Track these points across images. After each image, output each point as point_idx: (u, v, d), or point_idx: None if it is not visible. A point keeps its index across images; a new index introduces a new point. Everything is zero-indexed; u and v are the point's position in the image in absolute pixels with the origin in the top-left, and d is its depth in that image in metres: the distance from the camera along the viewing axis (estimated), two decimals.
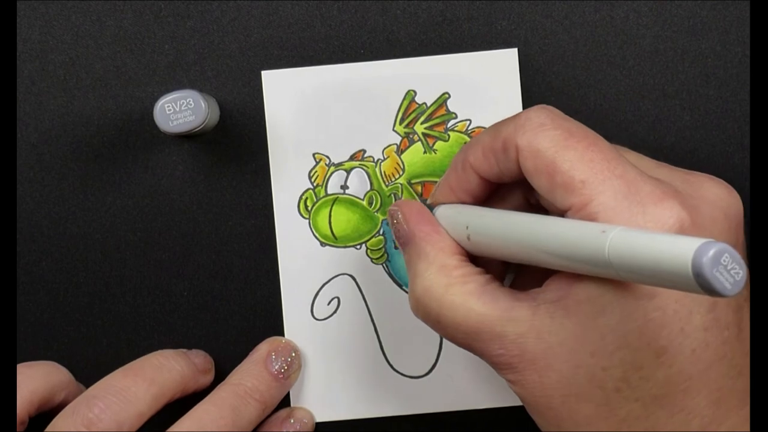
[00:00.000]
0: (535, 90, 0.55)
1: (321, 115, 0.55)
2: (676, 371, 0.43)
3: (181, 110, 0.51)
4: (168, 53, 0.55)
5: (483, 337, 0.45)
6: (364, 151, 0.55)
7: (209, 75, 0.55)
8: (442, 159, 0.55)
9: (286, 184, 0.55)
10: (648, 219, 0.43)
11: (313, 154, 0.55)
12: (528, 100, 0.54)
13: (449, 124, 0.55)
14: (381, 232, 0.55)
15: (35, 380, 0.52)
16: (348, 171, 0.55)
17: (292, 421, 0.54)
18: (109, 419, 0.49)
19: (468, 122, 0.55)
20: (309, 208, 0.55)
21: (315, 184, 0.55)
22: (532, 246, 0.44)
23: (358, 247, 0.55)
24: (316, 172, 0.55)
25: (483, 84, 0.55)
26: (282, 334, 0.55)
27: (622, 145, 0.50)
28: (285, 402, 0.55)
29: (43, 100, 0.55)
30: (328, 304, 0.55)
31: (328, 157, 0.55)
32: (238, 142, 0.55)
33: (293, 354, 0.54)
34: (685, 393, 0.44)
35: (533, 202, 0.49)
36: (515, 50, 0.54)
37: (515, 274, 0.51)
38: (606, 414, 0.44)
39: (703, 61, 0.55)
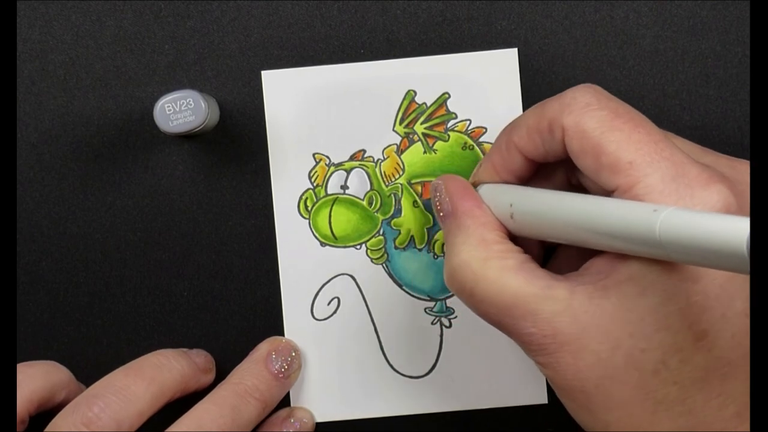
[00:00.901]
0: (535, 90, 0.55)
1: (321, 115, 0.55)
2: (715, 356, 0.43)
3: (181, 110, 0.51)
4: (168, 53, 0.55)
5: (515, 313, 0.45)
6: (364, 151, 0.55)
7: (209, 75, 0.55)
8: (442, 159, 0.55)
9: (286, 184, 0.55)
10: (696, 202, 0.43)
11: (313, 154, 0.55)
12: (528, 100, 0.54)
13: (449, 124, 0.55)
14: (381, 232, 0.55)
15: (35, 379, 0.52)
16: (348, 171, 0.55)
17: (292, 420, 0.54)
18: (109, 418, 0.49)
19: (468, 122, 0.55)
20: (309, 208, 0.55)
21: (315, 184, 0.55)
22: (580, 225, 0.44)
23: (358, 247, 0.55)
24: (316, 172, 0.55)
25: (483, 84, 0.55)
26: (282, 334, 0.55)
27: None
28: (285, 402, 0.55)
29: (43, 100, 0.55)
30: (328, 304, 0.55)
31: (328, 157, 0.55)
32: (238, 142, 0.55)
33: (293, 353, 0.54)
34: (724, 378, 0.43)
35: (575, 183, 0.49)
36: (515, 50, 0.54)
37: (551, 260, 0.51)
38: (642, 397, 0.44)
39: (703, 61, 0.55)
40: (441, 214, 0.49)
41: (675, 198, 0.43)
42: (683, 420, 0.44)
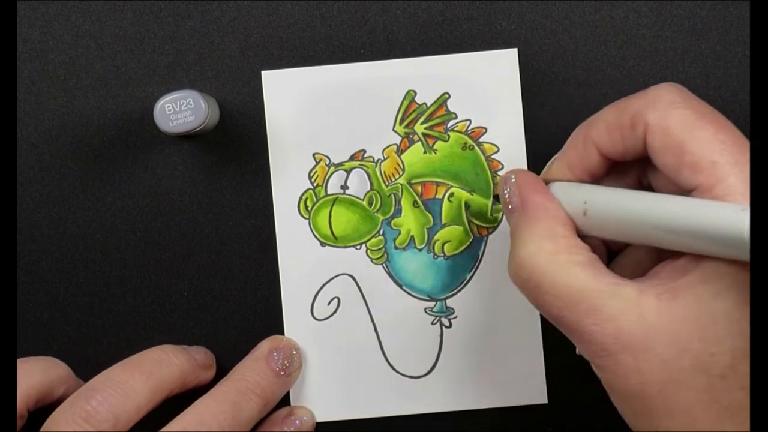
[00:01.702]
0: (535, 90, 0.55)
1: (321, 116, 0.55)
2: None
3: (181, 110, 0.51)
4: (168, 53, 0.55)
5: (580, 309, 0.44)
6: (364, 151, 0.55)
7: (209, 75, 0.55)
8: (442, 159, 0.55)
9: (286, 184, 0.55)
10: None
11: (313, 154, 0.55)
12: (528, 100, 0.54)
13: (449, 124, 0.55)
14: (381, 232, 0.55)
15: (34, 375, 0.52)
16: (348, 171, 0.55)
17: (293, 418, 0.54)
18: (107, 411, 0.49)
19: (468, 122, 0.55)
20: (309, 208, 0.55)
21: (315, 184, 0.55)
22: (659, 225, 0.43)
23: (358, 247, 0.55)
24: (316, 172, 0.55)
25: (483, 84, 0.55)
26: (282, 333, 0.55)
27: None
28: (285, 401, 0.55)
29: (43, 100, 0.55)
30: (328, 304, 0.55)
31: (328, 157, 0.55)
32: (238, 142, 0.55)
33: (294, 352, 0.54)
34: None
35: (645, 183, 0.49)
36: (515, 50, 0.54)
37: (611, 266, 0.50)
38: (707, 402, 0.43)
39: (703, 61, 0.55)
40: (510, 206, 0.49)
41: None
42: (747, 427, 0.43)
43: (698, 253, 0.43)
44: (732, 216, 0.40)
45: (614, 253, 0.51)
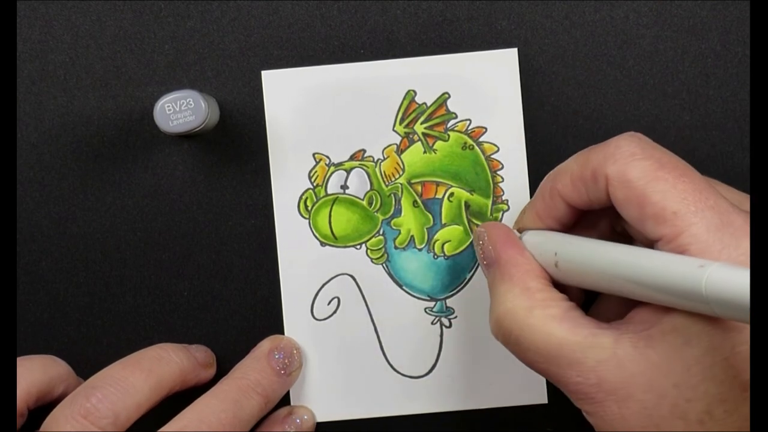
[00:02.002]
0: (535, 90, 0.55)
1: (321, 115, 0.55)
2: None
3: (181, 110, 0.51)
4: (168, 53, 0.55)
5: (561, 363, 0.45)
6: (364, 151, 0.55)
7: (209, 75, 0.55)
8: (441, 159, 0.55)
9: (286, 184, 0.55)
10: (741, 252, 0.42)
11: (313, 154, 0.55)
12: (528, 100, 0.54)
13: (449, 124, 0.55)
14: (381, 232, 0.55)
15: (34, 373, 0.52)
16: (348, 171, 0.55)
17: (293, 418, 0.54)
18: (107, 409, 0.49)
19: (468, 122, 0.55)
20: (309, 208, 0.55)
21: (315, 184, 0.55)
22: (625, 277, 0.44)
23: (358, 247, 0.55)
24: (316, 172, 0.55)
25: (483, 84, 0.55)
26: (282, 333, 0.55)
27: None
28: (285, 401, 0.55)
29: (43, 100, 0.55)
30: (328, 304, 0.55)
31: (328, 157, 0.55)
32: (238, 142, 0.55)
33: (294, 351, 0.54)
34: None
35: (619, 230, 0.49)
36: (515, 50, 0.55)
37: (593, 306, 0.51)
38: None
39: (703, 61, 0.55)
40: (485, 262, 0.49)
41: (720, 247, 0.43)
42: None
43: (665, 305, 0.43)
44: (690, 272, 0.41)
45: (593, 294, 0.51)
